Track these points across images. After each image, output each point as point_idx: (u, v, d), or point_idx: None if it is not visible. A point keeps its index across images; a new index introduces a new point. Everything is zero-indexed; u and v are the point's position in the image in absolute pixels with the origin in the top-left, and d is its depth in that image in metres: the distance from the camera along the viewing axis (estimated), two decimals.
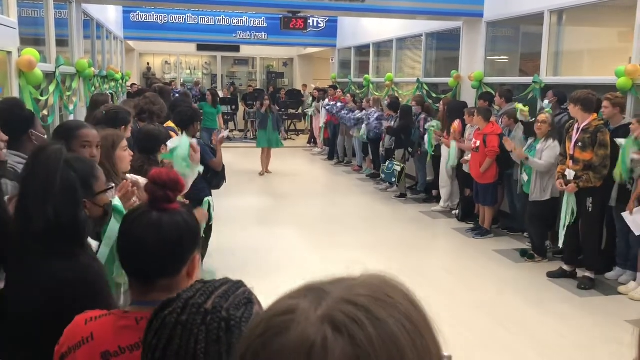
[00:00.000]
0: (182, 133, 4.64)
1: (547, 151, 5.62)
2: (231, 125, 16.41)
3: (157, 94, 5.52)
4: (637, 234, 4.86)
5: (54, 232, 1.51)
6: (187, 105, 5.52)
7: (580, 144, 5.09)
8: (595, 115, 5.12)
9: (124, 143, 2.85)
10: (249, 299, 0.96)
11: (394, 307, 0.56)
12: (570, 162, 5.19)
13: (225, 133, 5.31)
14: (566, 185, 5.21)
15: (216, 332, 0.89)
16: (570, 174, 5.18)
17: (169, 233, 1.24)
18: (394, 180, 8.82)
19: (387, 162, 9.01)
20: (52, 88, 5.51)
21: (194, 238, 1.30)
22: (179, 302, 0.93)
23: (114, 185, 1.96)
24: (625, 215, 4.88)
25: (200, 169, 2.91)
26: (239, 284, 1.00)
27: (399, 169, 8.70)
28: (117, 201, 2.19)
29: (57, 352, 1.25)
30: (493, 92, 7.64)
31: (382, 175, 9.20)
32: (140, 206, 1.32)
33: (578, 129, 5.14)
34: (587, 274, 5.22)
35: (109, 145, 2.73)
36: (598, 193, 5.09)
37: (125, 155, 2.82)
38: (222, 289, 0.96)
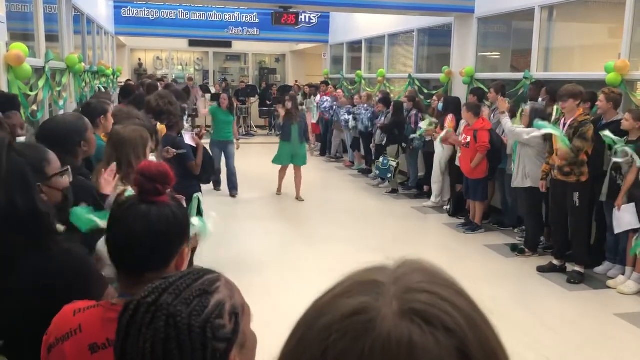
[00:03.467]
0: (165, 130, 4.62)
1: (524, 129, 5.73)
2: None
3: (170, 92, 5.26)
4: (616, 231, 4.93)
5: (11, 220, 1.46)
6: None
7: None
8: (582, 110, 5.17)
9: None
10: (204, 290, 0.93)
11: (454, 290, 0.54)
12: (557, 158, 5.24)
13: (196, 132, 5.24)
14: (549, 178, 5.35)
15: (163, 331, 0.87)
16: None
17: (157, 226, 1.24)
18: (389, 176, 8.80)
19: (381, 159, 8.93)
20: (41, 83, 5.48)
21: (183, 231, 1.30)
22: (133, 303, 0.92)
23: (69, 167, 1.91)
24: (615, 211, 4.94)
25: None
26: (199, 274, 0.97)
27: (394, 164, 8.70)
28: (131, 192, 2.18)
29: (45, 341, 1.25)
30: (484, 88, 7.68)
31: (377, 172, 9.12)
32: (130, 199, 1.32)
33: (564, 124, 5.19)
34: (577, 268, 5.27)
35: (143, 144, 2.68)
36: (584, 188, 5.14)
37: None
38: (177, 283, 0.93)
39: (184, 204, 2.88)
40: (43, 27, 6.06)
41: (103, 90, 8.89)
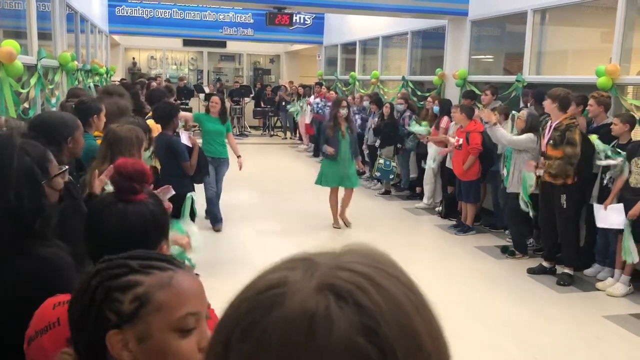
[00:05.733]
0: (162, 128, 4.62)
1: (522, 137, 5.65)
2: None
3: (121, 84, 5.25)
4: (598, 225, 4.98)
5: (15, 220, 1.45)
6: (164, 100, 5.45)
7: (551, 141, 5.17)
8: (569, 113, 5.19)
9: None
10: (134, 268, 0.97)
11: (389, 273, 0.52)
12: (543, 160, 5.27)
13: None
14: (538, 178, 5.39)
15: (87, 282, 0.97)
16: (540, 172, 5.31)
17: (134, 224, 1.26)
18: (391, 177, 8.78)
19: (382, 160, 8.71)
20: (33, 81, 5.46)
21: (160, 229, 1.31)
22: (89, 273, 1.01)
23: (67, 167, 1.91)
24: (597, 207, 4.96)
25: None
26: (171, 261, 1.00)
27: (395, 165, 8.69)
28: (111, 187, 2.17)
29: (27, 334, 1.25)
30: (477, 91, 7.71)
31: (377, 174, 8.88)
32: (107, 197, 1.33)
33: (550, 127, 5.23)
34: (567, 270, 5.30)
35: (138, 144, 2.71)
36: (572, 190, 5.17)
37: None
38: (146, 256, 1.00)
39: (172, 191, 2.88)
40: (35, 24, 6.03)
41: (94, 87, 8.85)
